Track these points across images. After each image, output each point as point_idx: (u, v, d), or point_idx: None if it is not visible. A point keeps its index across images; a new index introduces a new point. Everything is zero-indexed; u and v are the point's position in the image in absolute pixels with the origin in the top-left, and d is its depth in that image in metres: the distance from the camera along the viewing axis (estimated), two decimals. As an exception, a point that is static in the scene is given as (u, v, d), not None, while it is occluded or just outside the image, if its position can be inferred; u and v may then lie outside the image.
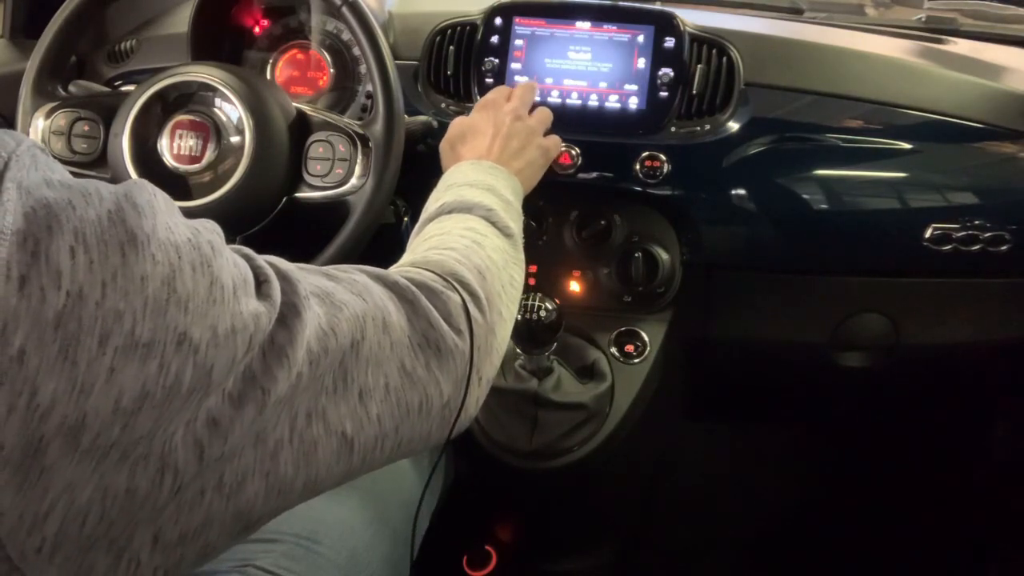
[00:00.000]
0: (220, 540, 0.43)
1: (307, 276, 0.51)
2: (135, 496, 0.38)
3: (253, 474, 0.43)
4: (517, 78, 1.07)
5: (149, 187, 0.40)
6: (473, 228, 0.70)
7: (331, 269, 0.55)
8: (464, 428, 0.61)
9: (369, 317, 0.52)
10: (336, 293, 0.51)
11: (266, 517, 0.46)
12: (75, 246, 0.35)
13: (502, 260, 0.69)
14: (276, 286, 0.45)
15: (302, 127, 0.91)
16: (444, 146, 0.90)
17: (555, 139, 0.96)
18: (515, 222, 0.76)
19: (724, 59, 1.04)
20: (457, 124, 0.91)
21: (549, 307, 0.92)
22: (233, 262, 0.43)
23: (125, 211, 0.37)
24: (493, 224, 0.72)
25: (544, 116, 0.94)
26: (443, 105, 1.09)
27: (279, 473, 0.45)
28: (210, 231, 0.43)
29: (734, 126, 1.02)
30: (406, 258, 0.68)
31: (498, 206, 0.75)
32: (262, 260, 0.47)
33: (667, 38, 1.03)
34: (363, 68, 1.11)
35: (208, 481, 0.41)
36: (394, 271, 0.60)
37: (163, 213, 0.39)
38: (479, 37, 1.08)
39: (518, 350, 0.99)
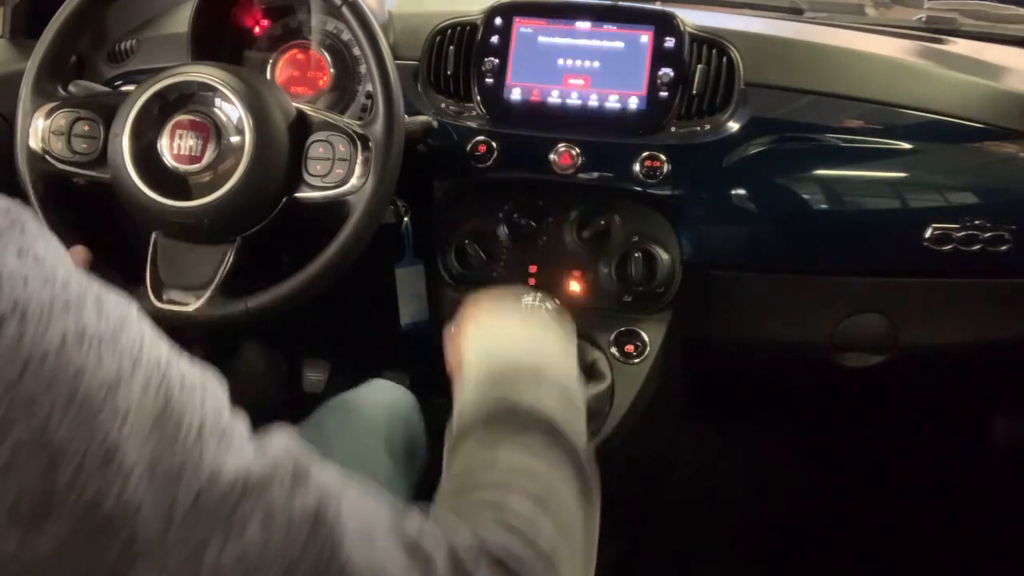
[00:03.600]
0: None
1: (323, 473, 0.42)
2: None
3: None
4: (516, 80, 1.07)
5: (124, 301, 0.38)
6: (535, 472, 0.52)
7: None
8: None
9: None
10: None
11: None
12: (8, 316, 0.32)
13: (572, 523, 0.51)
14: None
15: (302, 127, 0.91)
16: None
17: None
18: (580, 426, 0.59)
19: (724, 59, 1.04)
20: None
21: (549, 307, 0.92)
22: (215, 410, 0.39)
23: (85, 305, 0.35)
24: (560, 450, 0.55)
25: None
26: (443, 105, 1.09)
27: None
28: (216, 386, 0.40)
29: (734, 126, 1.02)
30: (447, 503, 0.50)
31: (557, 407, 0.57)
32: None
33: (667, 38, 1.03)
34: (363, 68, 1.11)
35: None
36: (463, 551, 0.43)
37: (138, 324, 0.37)
38: (479, 37, 1.08)
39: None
